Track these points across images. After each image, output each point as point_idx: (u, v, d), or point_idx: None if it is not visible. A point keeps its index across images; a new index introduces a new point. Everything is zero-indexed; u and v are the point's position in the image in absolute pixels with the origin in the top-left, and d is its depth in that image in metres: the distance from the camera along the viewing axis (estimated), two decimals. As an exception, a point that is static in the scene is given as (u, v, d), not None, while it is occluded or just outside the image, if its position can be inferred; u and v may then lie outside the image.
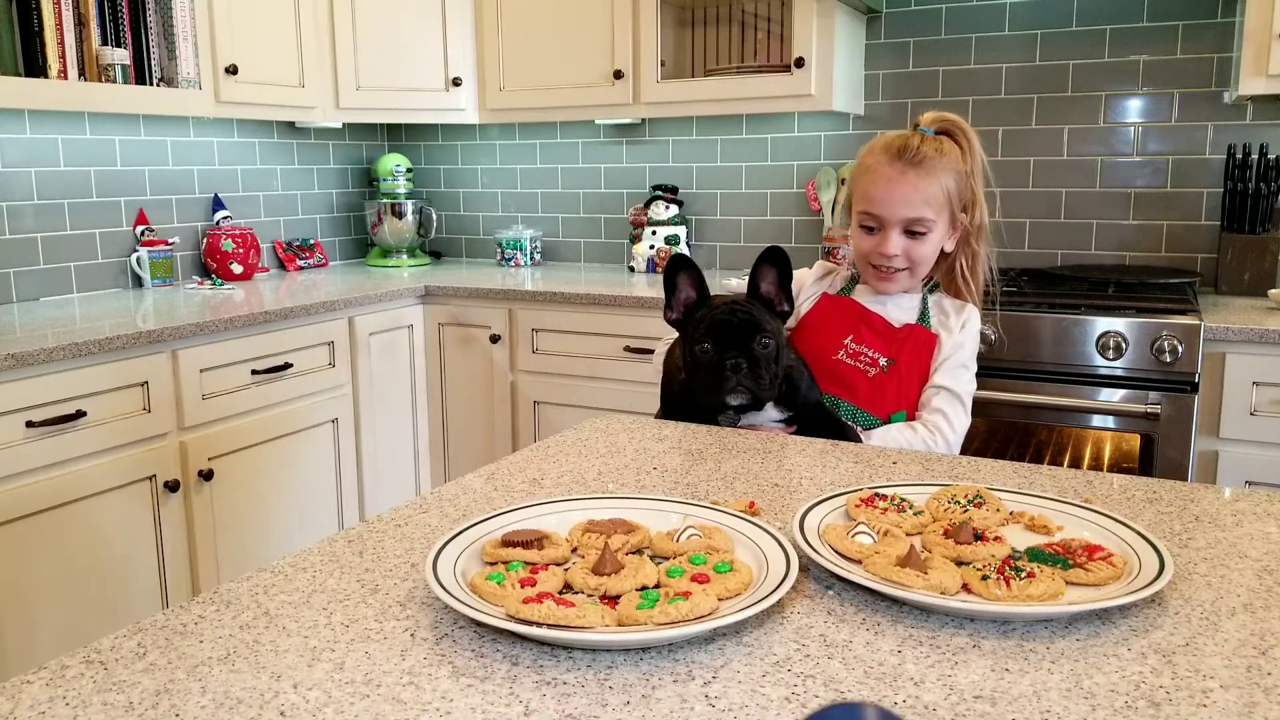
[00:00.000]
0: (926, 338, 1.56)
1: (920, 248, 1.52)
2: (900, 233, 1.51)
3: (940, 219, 1.52)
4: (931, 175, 1.49)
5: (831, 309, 1.62)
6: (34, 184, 2.64)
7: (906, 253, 1.52)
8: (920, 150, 1.50)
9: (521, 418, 2.95)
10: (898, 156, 1.51)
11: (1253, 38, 2.28)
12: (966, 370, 1.57)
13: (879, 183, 1.52)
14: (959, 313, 1.58)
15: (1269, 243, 2.53)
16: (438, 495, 1.10)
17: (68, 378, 2.05)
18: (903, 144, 1.51)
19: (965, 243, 1.58)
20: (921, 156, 1.49)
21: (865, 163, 1.56)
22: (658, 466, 1.21)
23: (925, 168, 1.49)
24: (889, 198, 1.51)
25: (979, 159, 1.55)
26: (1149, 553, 0.87)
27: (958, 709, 0.66)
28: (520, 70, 3.12)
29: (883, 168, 1.52)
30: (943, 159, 1.50)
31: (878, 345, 1.55)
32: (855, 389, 1.54)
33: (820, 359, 1.57)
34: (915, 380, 1.55)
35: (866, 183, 1.54)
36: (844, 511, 1.00)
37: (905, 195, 1.50)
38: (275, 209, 3.36)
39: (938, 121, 1.55)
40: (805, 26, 2.72)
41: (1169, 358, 2.14)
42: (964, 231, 1.56)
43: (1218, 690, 0.68)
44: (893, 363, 1.54)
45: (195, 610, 0.81)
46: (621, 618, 0.76)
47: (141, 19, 2.54)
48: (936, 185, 1.50)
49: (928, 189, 1.49)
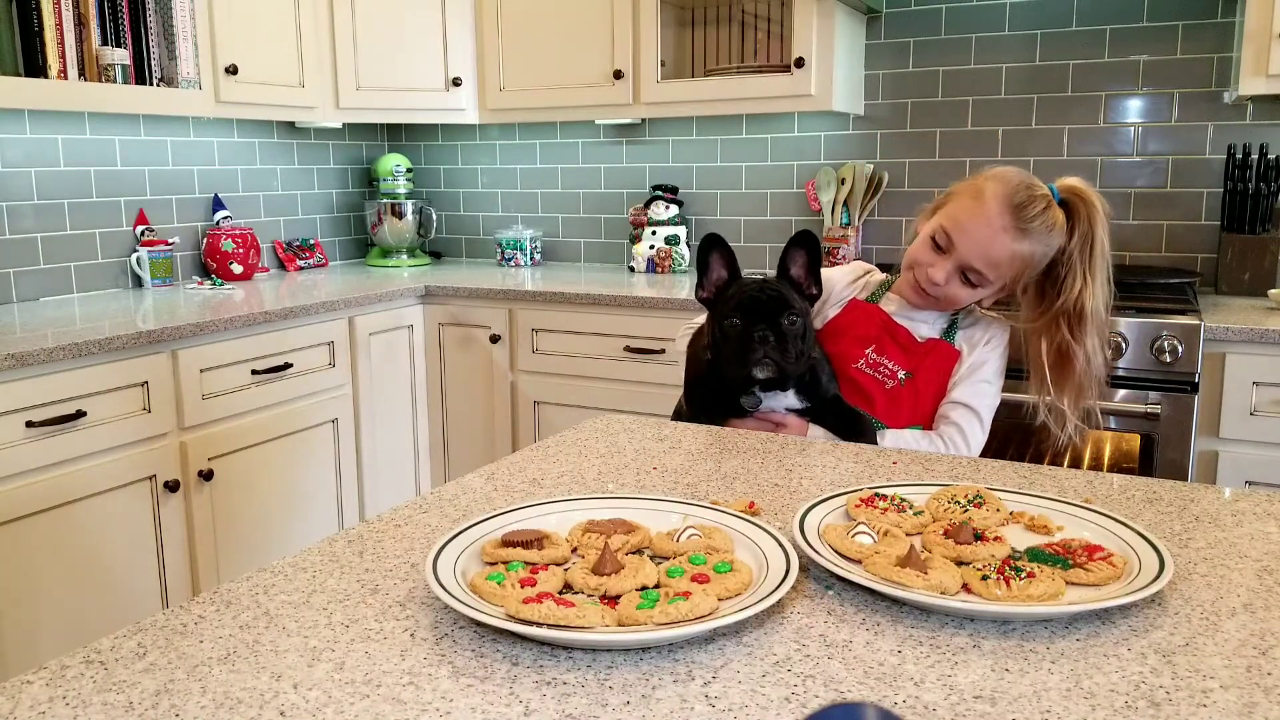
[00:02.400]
0: (948, 353, 1.54)
1: (963, 292, 1.50)
2: (957, 269, 1.48)
3: (1000, 281, 1.48)
4: (1023, 245, 1.44)
5: (858, 317, 1.60)
6: (34, 184, 2.64)
7: (948, 286, 1.49)
8: (1035, 219, 1.43)
9: (521, 418, 2.95)
10: (1013, 212, 1.43)
11: (1253, 38, 2.28)
12: (989, 385, 1.53)
13: (978, 220, 1.45)
14: (987, 329, 1.56)
15: (1269, 243, 2.53)
16: (438, 495, 1.10)
17: (68, 378, 2.05)
18: (1025, 201, 1.44)
19: (1052, 326, 1.46)
20: (1031, 228, 1.43)
21: (981, 187, 1.48)
22: (658, 466, 1.21)
23: (1027, 237, 1.44)
24: (975, 239, 1.45)
25: (1099, 243, 1.45)
26: (1149, 553, 0.87)
27: (958, 709, 0.66)
28: (520, 70, 3.13)
29: (993, 208, 1.44)
30: (1046, 236, 1.44)
31: (899, 358, 1.54)
32: (872, 399, 1.53)
33: (841, 367, 1.56)
34: (932, 395, 1.54)
35: (968, 208, 1.47)
36: (844, 511, 1.00)
37: (989, 250, 1.44)
38: (275, 209, 3.36)
39: (1069, 190, 1.47)
40: (805, 26, 2.72)
41: (1169, 358, 2.14)
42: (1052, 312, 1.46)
43: (1218, 690, 0.68)
44: (911, 376, 1.53)
45: (195, 610, 0.81)
46: (621, 618, 0.76)
47: (141, 19, 2.54)
48: (1021, 259, 1.45)
49: (1014, 257, 1.44)
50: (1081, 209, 1.46)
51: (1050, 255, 1.46)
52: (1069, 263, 1.45)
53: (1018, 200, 1.44)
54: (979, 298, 1.53)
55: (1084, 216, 1.46)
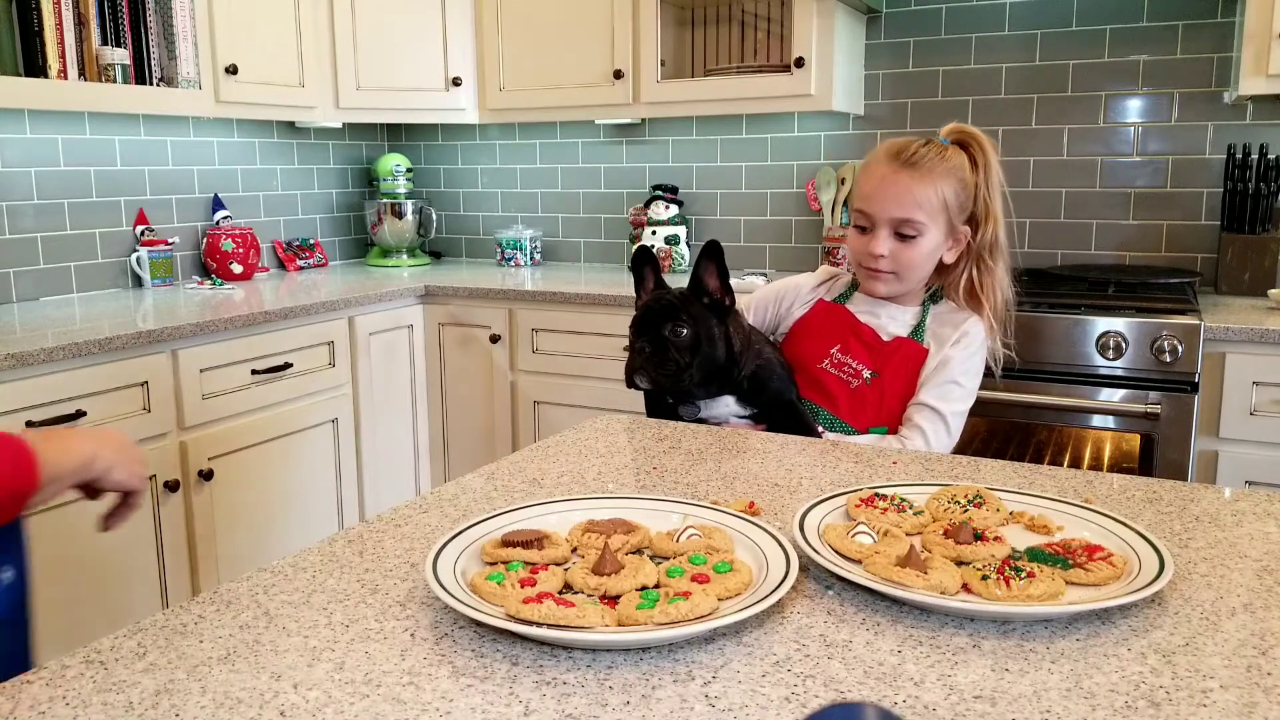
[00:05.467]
0: (915, 351, 1.54)
1: (908, 251, 1.50)
2: (889, 234, 1.50)
3: (933, 224, 1.49)
4: (927, 179, 1.48)
5: (824, 317, 1.61)
6: (34, 184, 2.64)
7: (894, 255, 1.51)
8: (919, 153, 1.49)
9: (521, 418, 2.95)
10: (895, 157, 1.51)
11: (1253, 38, 2.28)
12: (958, 387, 1.52)
13: (872, 180, 1.52)
14: (958, 326, 1.55)
15: (1269, 243, 2.53)
16: (438, 495, 1.10)
17: (68, 378, 2.05)
18: (903, 145, 1.51)
19: (978, 258, 1.55)
20: (918, 159, 1.49)
21: (865, 162, 1.58)
22: (658, 466, 1.21)
23: (921, 170, 1.48)
24: (880, 195, 1.51)
25: (995, 174, 1.52)
26: (1149, 553, 0.87)
27: (958, 709, 0.66)
28: (520, 70, 3.12)
29: (879, 166, 1.52)
30: (943, 164, 1.49)
31: (863, 357, 1.54)
32: (836, 399, 1.54)
33: (805, 366, 1.57)
34: (898, 394, 1.53)
35: (862, 180, 1.55)
36: (844, 511, 1.00)
37: (896, 195, 1.49)
38: (275, 209, 3.36)
39: (955, 132, 1.54)
40: (805, 26, 2.72)
41: (1169, 358, 2.14)
42: (971, 246, 1.54)
43: (1218, 690, 0.68)
44: (877, 375, 1.53)
45: (195, 610, 0.81)
46: (621, 618, 0.76)
47: (141, 19, 2.54)
48: (931, 189, 1.48)
49: (920, 191, 1.48)
50: (974, 143, 1.53)
51: (967, 189, 1.50)
52: (980, 199, 1.52)
53: (896, 148, 1.52)
54: (933, 252, 1.52)
55: (979, 148, 1.52)
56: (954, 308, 1.58)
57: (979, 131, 1.54)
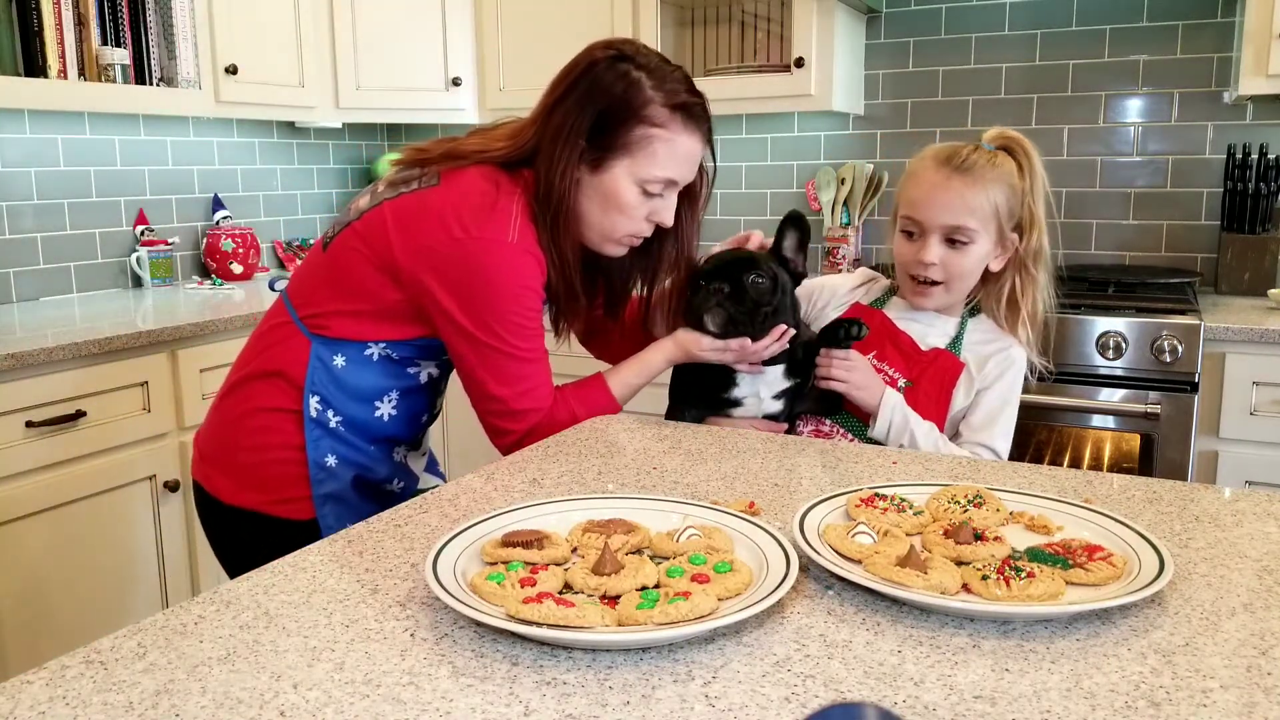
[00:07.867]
0: (951, 364, 1.51)
1: (960, 259, 1.47)
2: (940, 240, 1.47)
3: (985, 232, 1.46)
4: (978, 185, 1.45)
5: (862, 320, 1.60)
6: (34, 184, 2.64)
7: (945, 263, 1.47)
8: (970, 159, 1.46)
9: (521, 418, 2.95)
10: (945, 162, 1.47)
11: (1253, 38, 2.28)
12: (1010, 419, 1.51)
13: (922, 187, 1.48)
14: (1001, 351, 1.52)
15: (1269, 243, 2.53)
16: (437, 495, 1.10)
17: (68, 378, 2.05)
18: (952, 151, 1.48)
19: (1021, 267, 1.51)
20: (970, 164, 1.45)
21: (912, 168, 1.53)
22: (658, 466, 1.21)
23: (972, 176, 1.45)
24: (931, 202, 1.47)
25: (1040, 180, 1.50)
26: (1149, 553, 0.87)
27: (958, 709, 0.66)
28: (520, 70, 3.12)
29: (928, 173, 1.48)
30: (994, 170, 1.46)
31: (900, 365, 1.52)
32: None
33: None
34: (932, 404, 1.51)
35: (910, 187, 1.51)
36: (844, 511, 1.00)
37: (948, 201, 1.45)
38: (275, 209, 3.36)
39: (999, 138, 1.51)
40: (805, 26, 2.72)
41: (1169, 358, 2.14)
42: (1017, 254, 1.51)
43: (1218, 690, 0.68)
44: (911, 385, 1.51)
45: (195, 610, 0.81)
46: (621, 618, 0.76)
47: (141, 19, 2.54)
48: (983, 196, 1.45)
49: (973, 198, 1.45)
50: (1019, 149, 1.50)
51: (1016, 196, 1.48)
52: (1026, 206, 1.49)
53: (945, 154, 1.49)
54: (982, 261, 1.49)
55: (1024, 154, 1.50)
56: (993, 325, 1.55)
57: (1023, 137, 1.51)
